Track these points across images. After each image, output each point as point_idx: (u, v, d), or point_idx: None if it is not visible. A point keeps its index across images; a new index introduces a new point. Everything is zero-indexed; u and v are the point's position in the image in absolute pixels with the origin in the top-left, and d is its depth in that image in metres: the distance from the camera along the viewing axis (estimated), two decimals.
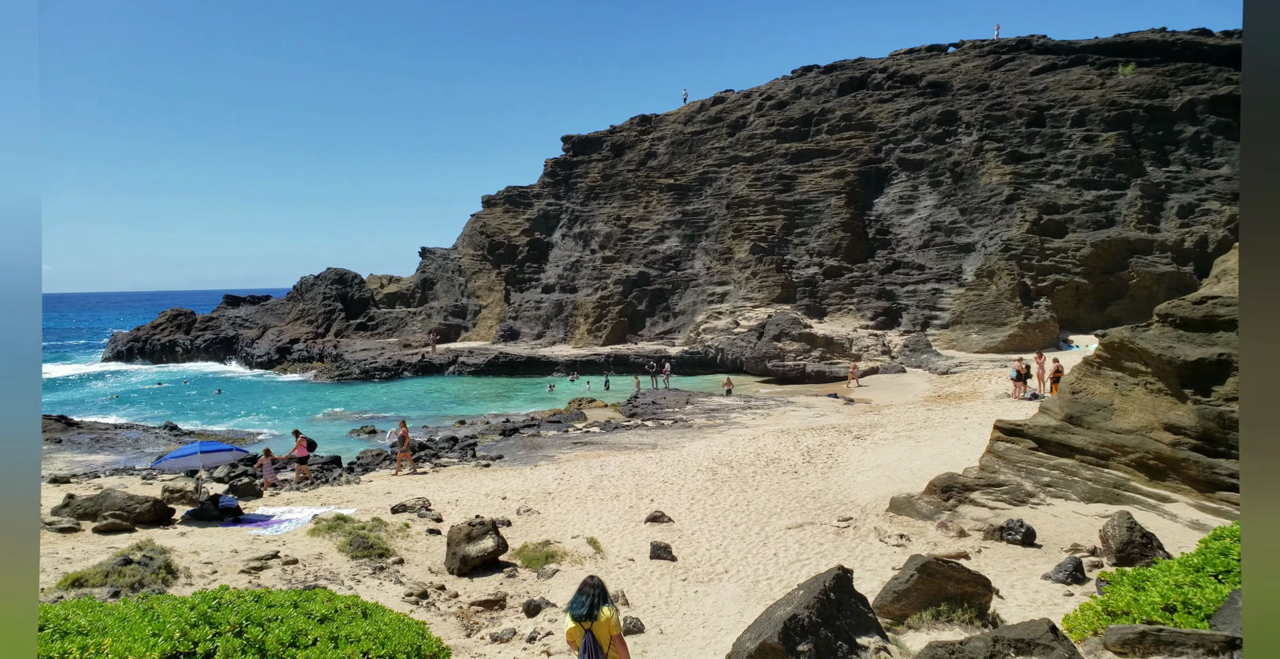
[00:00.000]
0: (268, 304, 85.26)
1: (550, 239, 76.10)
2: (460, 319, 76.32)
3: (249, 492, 21.64)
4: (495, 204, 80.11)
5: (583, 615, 6.97)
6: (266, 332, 77.12)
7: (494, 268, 75.97)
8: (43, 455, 30.36)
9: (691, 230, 65.95)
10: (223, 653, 6.79)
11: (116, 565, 11.33)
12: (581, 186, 75.80)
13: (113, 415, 44.40)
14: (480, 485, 21.82)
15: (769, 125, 66.94)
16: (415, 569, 14.11)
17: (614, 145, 76.59)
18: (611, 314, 64.05)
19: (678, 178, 68.57)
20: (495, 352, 64.51)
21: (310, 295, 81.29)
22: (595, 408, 41.43)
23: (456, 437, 33.60)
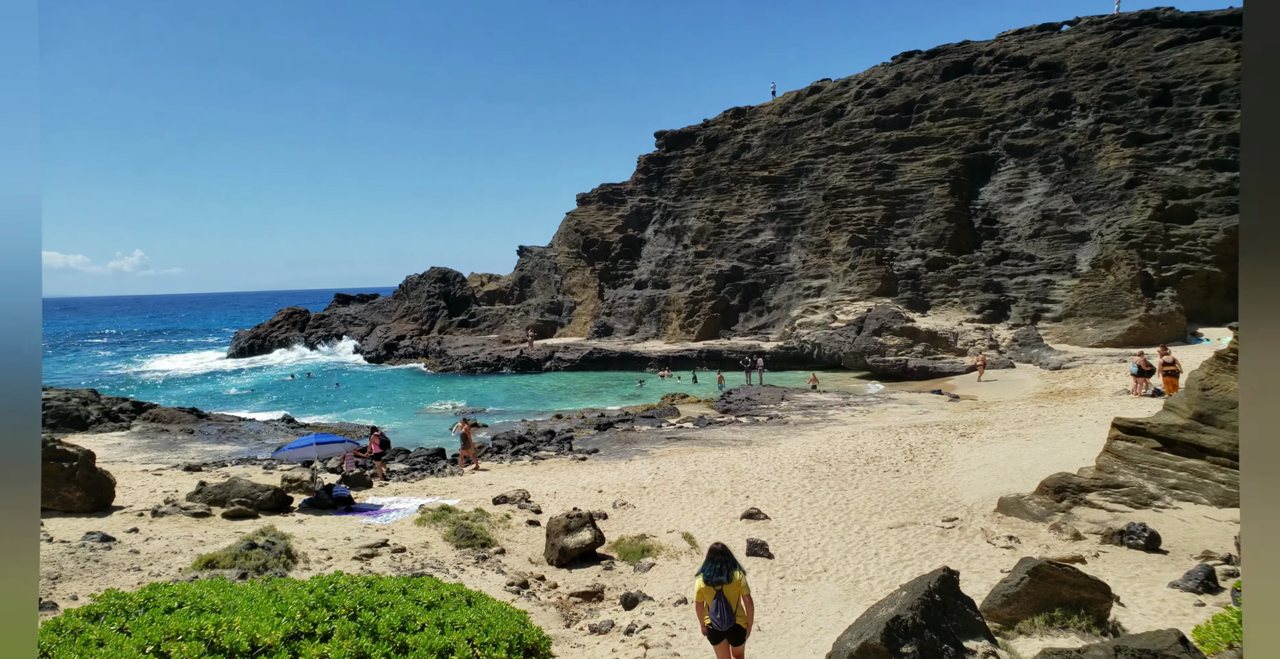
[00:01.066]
0: (375, 302, 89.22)
1: (643, 235, 76.50)
2: (556, 316, 77.75)
3: (360, 482, 22.71)
4: (589, 201, 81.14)
5: (721, 581, 7.77)
6: (375, 328, 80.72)
7: (588, 265, 77.00)
8: (177, 445, 32.74)
9: (786, 223, 64.94)
10: (339, 635, 7.15)
11: (243, 549, 12.10)
12: (674, 181, 75.81)
13: (239, 409, 47.45)
14: (577, 478, 22.18)
15: (868, 114, 65.10)
16: (516, 559, 14.48)
17: (707, 139, 76.22)
18: (704, 309, 63.85)
19: (772, 170, 67.64)
20: (589, 347, 65.41)
21: (415, 293, 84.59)
22: (688, 403, 41.42)
23: (554, 430, 34.28)
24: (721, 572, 7.87)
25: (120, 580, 10.69)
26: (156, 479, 23.14)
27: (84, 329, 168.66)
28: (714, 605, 7.79)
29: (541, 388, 53.70)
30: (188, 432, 36.01)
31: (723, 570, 7.88)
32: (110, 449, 29.88)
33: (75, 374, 74.01)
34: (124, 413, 39.42)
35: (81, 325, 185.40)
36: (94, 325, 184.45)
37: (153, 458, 29.10)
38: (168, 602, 7.43)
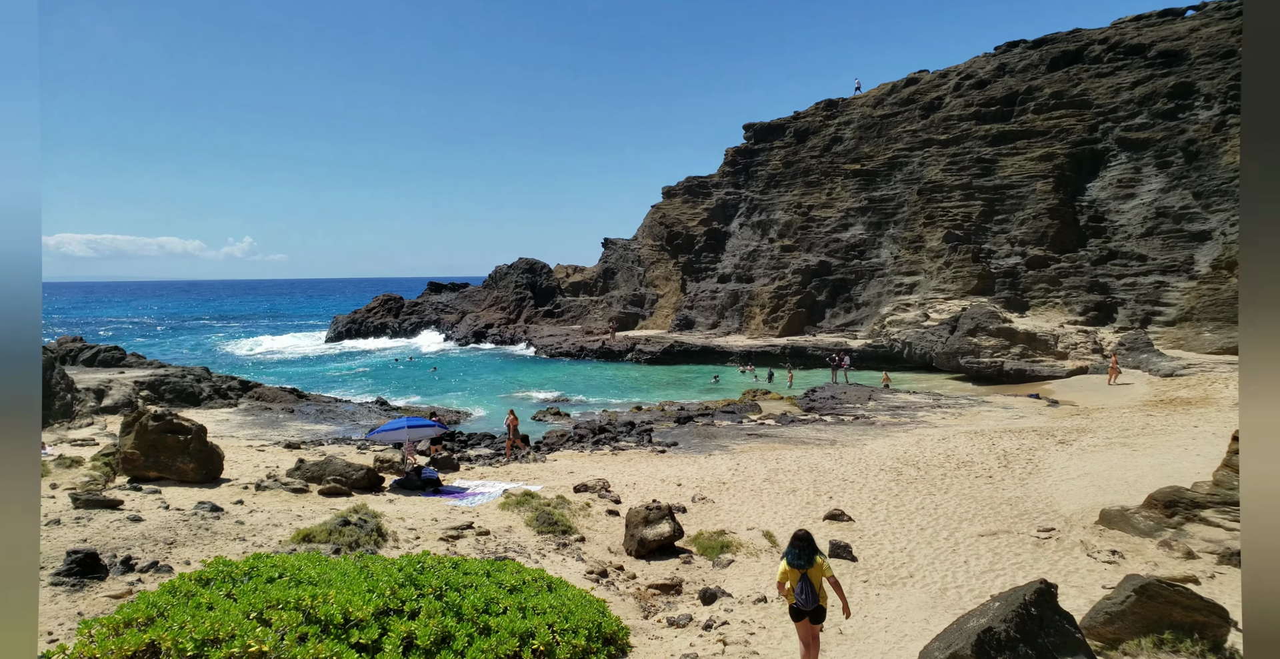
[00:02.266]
0: (466, 291, 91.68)
1: (728, 228, 75.91)
2: (639, 308, 78.09)
3: (447, 465, 23.37)
4: (675, 195, 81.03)
5: (802, 564, 8.37)
6: (465, 316, 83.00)
7: (671, 258, 76.98)
8: (278, 422, 34.47)
9: (878, 218, 63.23)
10: (425, 613, 7.36)
11: (337, 525, 12.61)
12: (761, 174, 74.87)
13: (336, 390, 49.59)
14: (656, 471, 22.22)
15: (967, 106, 62.60)
16: (595, 548, 14.61)
17: (797, 131, 74.90)
18: (789, 304, 62.90)
19: (864, 163, 65.93)
20: (670, 340, 65.43)
21: (503, 283, 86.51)
22: (770, 400, 40.92)
23: (634, 422, 34.45)
24: (802, 556, 8.41)
25: (227, 549, 11.30)
26: (260, 455, 24.41)
27: (199, 310, 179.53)
28: (799, 587, 8.42)
29: (622, 379, 54.07)
30: (288, 411, 37.87)
31: (803, 555, 8.41)
32: (219, 425, 31.70)
33: (190, 352, 78.89)
34: (232, 391, 41.77)
35: (197, 307, 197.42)
36: (208, 307, 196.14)
37: (256, 434, 30.73)
38: (270, 572, 7.81)
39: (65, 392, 33.45)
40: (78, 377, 37.54)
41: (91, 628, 6.07)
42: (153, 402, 35.75)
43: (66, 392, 33.55)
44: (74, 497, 13.91)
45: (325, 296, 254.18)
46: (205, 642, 5.86)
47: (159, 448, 18.12)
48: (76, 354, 48.02)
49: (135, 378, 39.37)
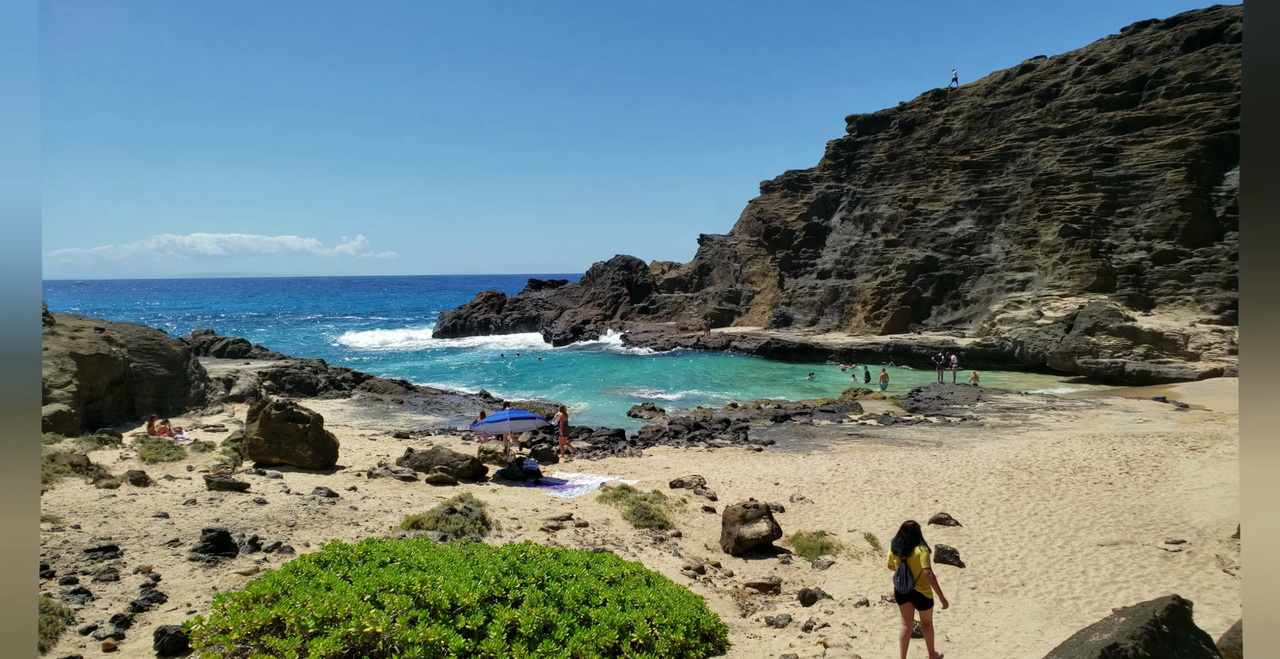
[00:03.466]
0: (564, 288, 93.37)
1: (828, 223, 74.29)
2: (734, 304, 77.51)
3: (547, 457, 23.85)
4: (773, 189, 79.92)
5: (900, 552, 9.10)
6: (563, 312, 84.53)
7: (769, 253, 76.00)
8: (389, 413, 36.04)
9: (988, 211, 60.48)
10: (528, 602, 7.52)
11: (444, 513, 13.06)
12: (864, 167, 72.89)
13: (442, 383, 51.46)
14: (753, 469, 22.00)
15: (1088, 92, 58.97)
16: (692, 544, 14.59)
17: (903, 123, 72.51)
18: (892, 301, 61.05)
19: (974, 154, 63.18)
20: (767, 337, 64.63)
21: (600, 280, 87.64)
22: (872, 400, 39.83)
23: (729, 419, 34.22)
24: (903, 545, 9.10)
25: (342, 533, 11.89)
26: (371, 443, 25.58)
27: (316, 305, 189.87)
28: (898, 571, 9.15)
29: (717, 375, 53.81)
30: (398, 402, 39.55)
31: (905, 544, 9.09)
32: (334, 414, 33.41)
33: (307, 345, 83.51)
34: (346, 382, 43.97)
35: (314, 301, 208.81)
36: (324, 302, 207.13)
37: (368, 424, 32.22)
38: (382, 556, 8.15)
39: (199, 381, 36.01)
40: (209, 367, 40.36)
41: (225, 602, 6.49)
42: (274, 391, 38.05)
43: (200, 381, 36.13)
44: (208, 479, 14.94)
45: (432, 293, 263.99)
46: (324, 620, 6.16)
47: (280, 435, 19.24)
48: (208, 346, 51.62)
49: (259, 369, 42.00)
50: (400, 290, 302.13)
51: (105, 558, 8.97)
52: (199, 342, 51.61)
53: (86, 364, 28.75)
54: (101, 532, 10.19)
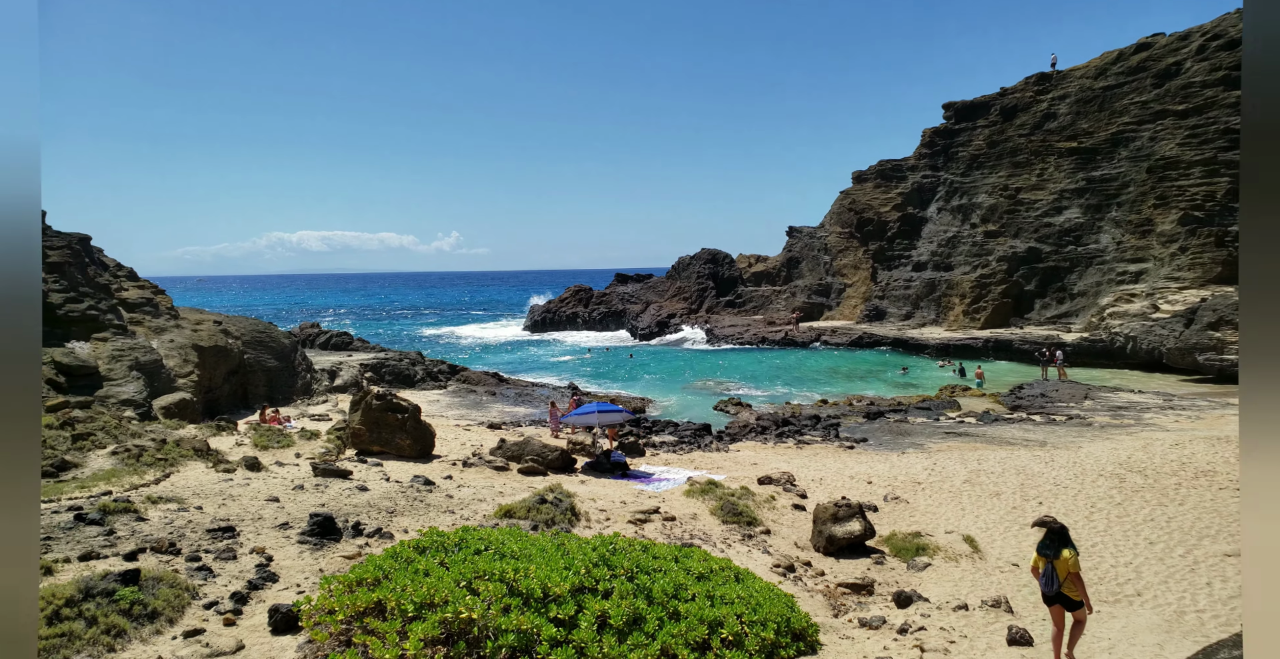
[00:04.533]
0: (650, 282, 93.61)
1: (924, 214, 71.83)
2: (824, 298, 75.99)
3: (633, 449, 24.00)
4: (866, 179, 77.82)
5: (1049, 554, 8.91)
6: (649, 306, 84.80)
7: (861, 245, 74.11)
8: (482, 404, 37.02)
9: (1098, 199, 57.16)
10: (618, 594, 7.56)
11: (535, 503, 13.30)
12: (963, 156, 70.07)
13: (533, 375, 52.52)
14: (844, 467, 21.52)
15: (1213, 70, 54.85)
16: (781, 541, 14.39)
17: (1004, 109, 69.29)
18: (992, 294, 58.55)
19: (1082, 140, 59.80)
20: (859, 332, 63.10)
21: (686, 274, 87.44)
22: (970, 397, 38.33)
23: (819, 415, 33.60)
24: (1050, 546, 8.93)
25: (438, 520, 12.27)
26: (466, 433, 26.34)
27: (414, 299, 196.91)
28: (1043, 573, 9.00)
29: (806, 371, 52.90)
30: (490, 393, 40.59)
31: (1050, 545, 8.93)
32: (431, 405, 34.56)
33: (405, 338, 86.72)
34: (442, 374, 45.43)
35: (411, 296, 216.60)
36: (421, 296, 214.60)
37: (463, 415, 33.19)
38: (476, 544, 8.35)
39: (306, 372, 37.89)
40: (315, 359, 42.41)
41: (330, 584, 6.78)
42: (375, 382, 39.67)
43: (307, 372, 38.01)
44: (314, 465, 15.69)
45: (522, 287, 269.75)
46: (423, 605, 6.35)
47: (381, 425, 20.03)
48: (314, 338, 54.25)
49: (361, 361, 43.85)
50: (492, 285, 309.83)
51: (224, 538, 9.52)
52: (306, 334, 54.33)
53: (206, 355, 30.66)
54: (220, 513, 10.84)
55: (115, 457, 16.21)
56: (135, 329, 29.34)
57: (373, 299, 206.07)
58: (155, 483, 13.54)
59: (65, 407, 19.47)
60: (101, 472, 14.94)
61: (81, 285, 28.45)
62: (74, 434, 17.51)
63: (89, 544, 8.55)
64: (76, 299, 27.51)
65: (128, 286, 32.85)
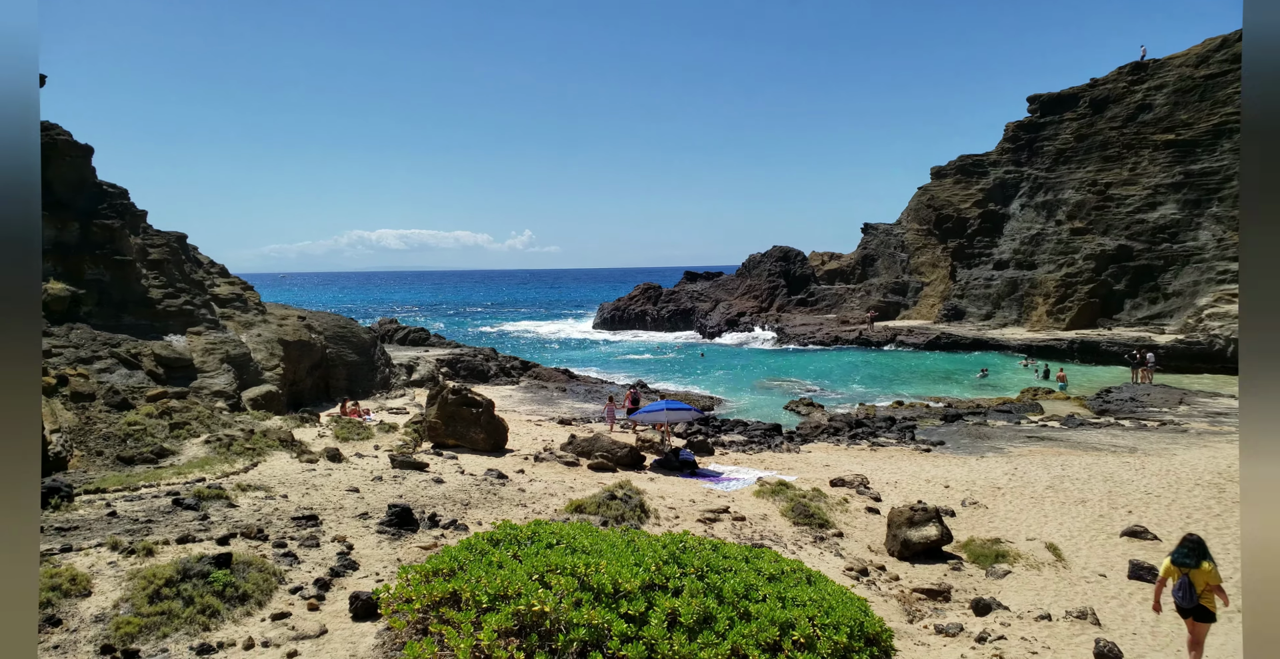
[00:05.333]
0: (719, 280, 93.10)
1: (1006, 210, 69.34)
2: (900, 296, 74.20)
3: (702, 448, 23.90)
4: (945, 175, 75.59)
5: (1188, 564, 8.65)
6: (718, 305, 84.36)
7: (939, 243, 72.06)
8: (552, 400, 37.48)
9: (1196, 194, 54.14)
10: (688, 592, 7.53)
11: (605, 499, 13.39)
12: (1048, 150, 67.33)
13: (602, 372, 52.92)
14: (920, 470, 20.97)
15: None
16: (854, 545, 14.11)
17: (1094, 100, 66.26)
18: (1079, 294, 56.15)
19: (1180, 132, 56.72)
20: (936, 331, 61.39)
21: (756, 271, 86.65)
22: (1054, 400, 36.83)
23: (894, 417, 32.82)
24: (1189, 556, 8.68)
25: (511, 513, 12.47)
26: (537, 429, 26.72)
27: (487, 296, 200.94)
28: (1177, 584, 8.73)
29: (880, 371, 51.73)
30: (561, 389, 41.08)
31: (1189, 555, 8.68)
32: (503, 400, 35.18)
33: (478, 334, 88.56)
34: (514, 370, 46.20)
35: (485, 293, 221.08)
36: (494, 293, 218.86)
37: (534, 410, 33.68)
38: (549, 538, 8.45)
39: (385, 366, 39.07)
40: (393, 353, 43.70)
41: (408, 573, 6.96)
42: (449, 377, 40.62)
43: (385, 366, 39.19)
44: (392, 457, 16.16)
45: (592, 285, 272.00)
46: (497, 596, 6.46)
47: (456, 419, 20.49)
48: (392, 334, 55.89)
49: (437, 356, 44.97)
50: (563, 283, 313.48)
51: (308, 526, 9.90)
52: (384, 330, 56.03)
53: (291, 349, 31.93)
54: (304, 502, 11.27)
55: (208, 445, 17.04)
56: (226, 323, 30.77)
57: (448, 296, 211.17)
58: (244, 471, 14.17)
59: (163, 397, 20.57)
60: (196, 459, 15.73)
61: (178, 282, 29.99)
62: (171, 423, 18.48)
63: (185, 528, 8.99)
64: (174, 295, 29.01)
65: (219, 283, 34.47)
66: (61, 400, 17.97)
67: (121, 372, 23.06)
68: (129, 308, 26.68)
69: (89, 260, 26.23)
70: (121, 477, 13.54)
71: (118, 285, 26.76)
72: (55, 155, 26.71)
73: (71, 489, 10.74)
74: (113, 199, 29.00)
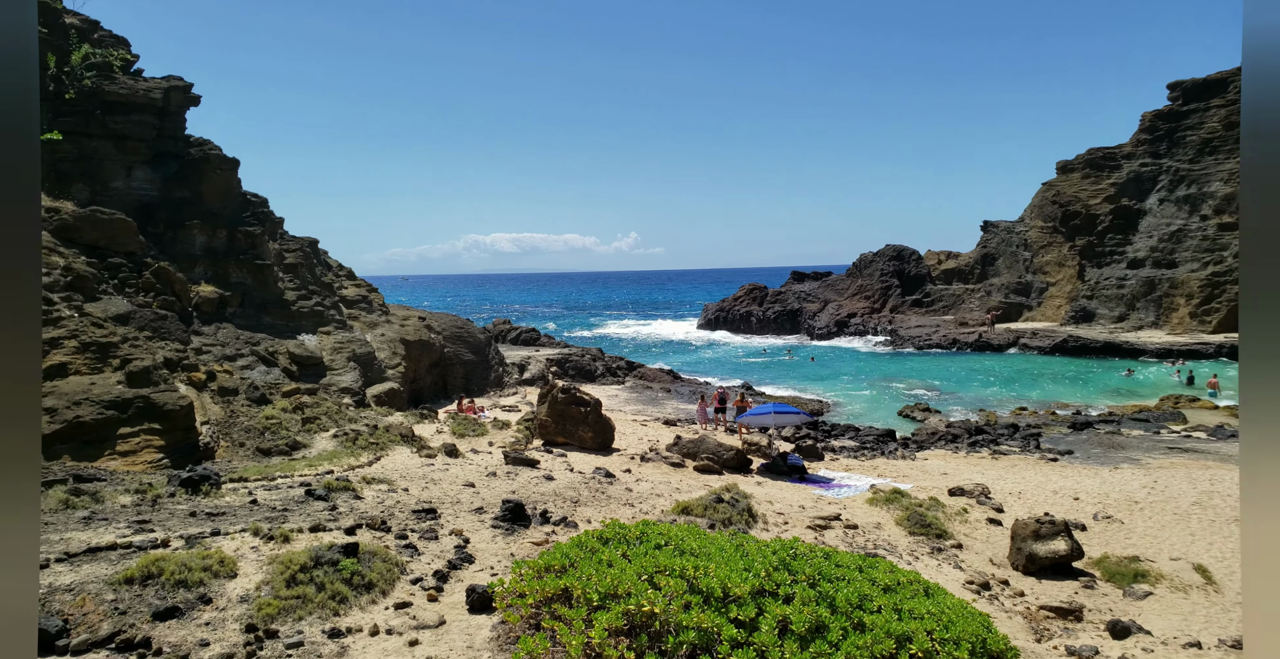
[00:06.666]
0: (828, 280, 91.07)
1: (1141, 205, 64.62)
2: (1023, 297, 70.43)
3: (811, 453, 23.41)
4: (1072, 169, 71.21)
5: None
6: (827, 306, 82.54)
7: (1066, 241, 67.94)
8: (657, 400, 37.65)
9: None
10: (799, 600, 7.36)
11: (711, 502, 13.30)
12: (1191, 141, 62.31)
13: (706, 374, 52.77)
14: (1046, 480, 19.80)
15: None
16: (974, 557, 13.46)
17: None
18: (1228, 294, 51.69)
19: None
20: (1064, 334, 57.90)
21: (868, 271, 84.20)
22: (1198, 409, 34.01)
23: (1017, 424, 31.15)
24: None
25: (619, 512, 12.59)
26: (642, 429, 26.90)
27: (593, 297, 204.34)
28: None
29: (1002, 375, 49.22)
30: (665, 390, 41.22)
31: None
32: (609, 399, 35.62)
33: (585, 334, 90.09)
34: (619, 370, 46.72)
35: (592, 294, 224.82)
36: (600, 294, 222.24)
37: (639, 410, 33.93)
38: (656, 538, 8.46)
39: (498, 365, 40.33)
40: (506, 353, 45.03)
41: (521, 568, 7.12)
42: (558, 376, 41.49)
43: (499, 365, 40.44)
44: (505, 454, 16.63)
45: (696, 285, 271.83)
46: (607, 595, 6.51)
47: (565, 417, 20.88)
48: (505, 334, 57.64)
49: (546, 356, 46.04)
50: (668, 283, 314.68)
51: (427, 519, 10.30)
52: (498, 330, 57.86)
53: (412, 348, 33.43)
54: (424, 495, 11.74)
55: (335, 439, 18.05)
56: (353, 323, 32.54)
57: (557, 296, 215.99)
58: (369, 465, 14.92)
59: (296, 393, 21.95)
60: (325, 452, 16.69)
61: (310, 284, 31.94)
62: (303, 418, 19.68)
63: (317, 517, 9.54)
64: (306, 296, 30.91)
65: (347, 285, 36.50)
66: (211, 395, 19.46)
67: (261, 369, 24.75)
68: (268, 309, 28.62)
69: (234, 265, 28.32)
70: (260, 467, 14.52)
71: (258, 288, 28.76)
72: (207, 168, 28.98)
73: (219, 477, 11.59)
74: (255, 208, 31.20)
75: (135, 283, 23.45)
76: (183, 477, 11.13)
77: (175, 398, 16.64)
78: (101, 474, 12.92)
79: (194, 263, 27.31)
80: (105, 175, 26.81)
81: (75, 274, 20.07)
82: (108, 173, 26.90)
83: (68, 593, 6.54)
